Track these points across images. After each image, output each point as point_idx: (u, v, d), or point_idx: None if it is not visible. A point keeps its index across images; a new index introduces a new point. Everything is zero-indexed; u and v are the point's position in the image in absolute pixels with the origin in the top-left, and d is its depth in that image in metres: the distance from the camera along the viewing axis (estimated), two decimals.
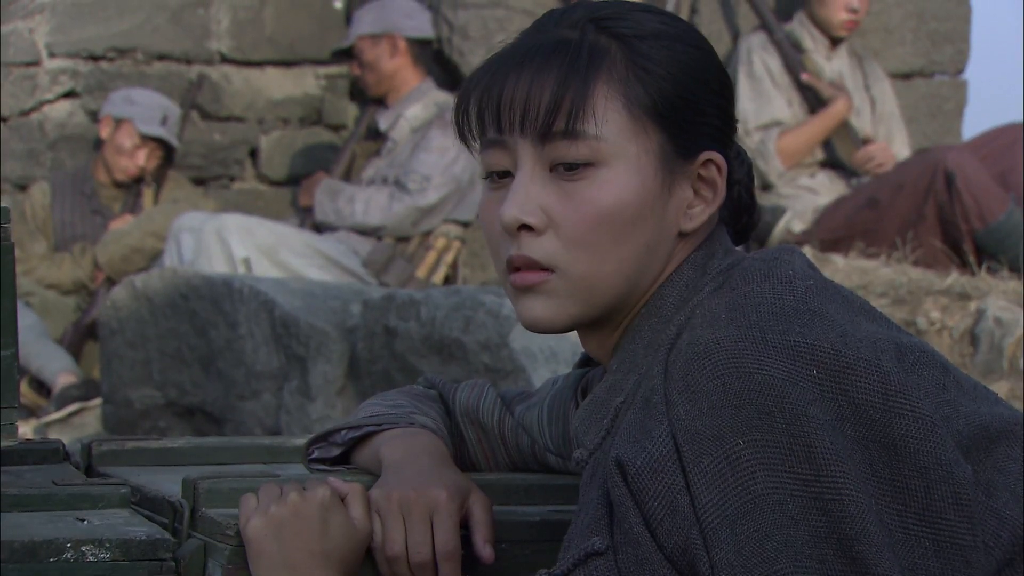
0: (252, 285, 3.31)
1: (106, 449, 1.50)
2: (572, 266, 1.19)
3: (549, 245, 1.19)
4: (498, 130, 1.20)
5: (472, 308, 3.02)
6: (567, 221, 1.18)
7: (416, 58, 4.62)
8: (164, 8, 4.97)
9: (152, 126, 4.68)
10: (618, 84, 1.18)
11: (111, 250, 4.59)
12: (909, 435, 1.10)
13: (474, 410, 1.43)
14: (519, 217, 1.18)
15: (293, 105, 5.15)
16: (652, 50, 1.20)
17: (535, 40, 1.22)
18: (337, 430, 1.40)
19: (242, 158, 5.14)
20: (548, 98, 1.18)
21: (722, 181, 1.23)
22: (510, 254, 1.20)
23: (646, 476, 1.10)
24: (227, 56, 5.07)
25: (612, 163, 1.18)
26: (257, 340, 3.26)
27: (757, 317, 1.13)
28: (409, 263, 4.51)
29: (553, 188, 1.19)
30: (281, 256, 4.31)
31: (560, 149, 1.18)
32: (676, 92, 1.20)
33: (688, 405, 1.10)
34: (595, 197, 1.18)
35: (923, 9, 4.95)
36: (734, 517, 1.07)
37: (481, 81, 1.22)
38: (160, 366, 3.43)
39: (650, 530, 1.10)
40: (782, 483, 1.07)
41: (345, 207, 4.51)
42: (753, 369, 1.09)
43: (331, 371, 3.19)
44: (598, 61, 1.19)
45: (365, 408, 1.43)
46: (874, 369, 1.11)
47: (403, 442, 1.34)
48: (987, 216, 3.88)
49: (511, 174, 1.21)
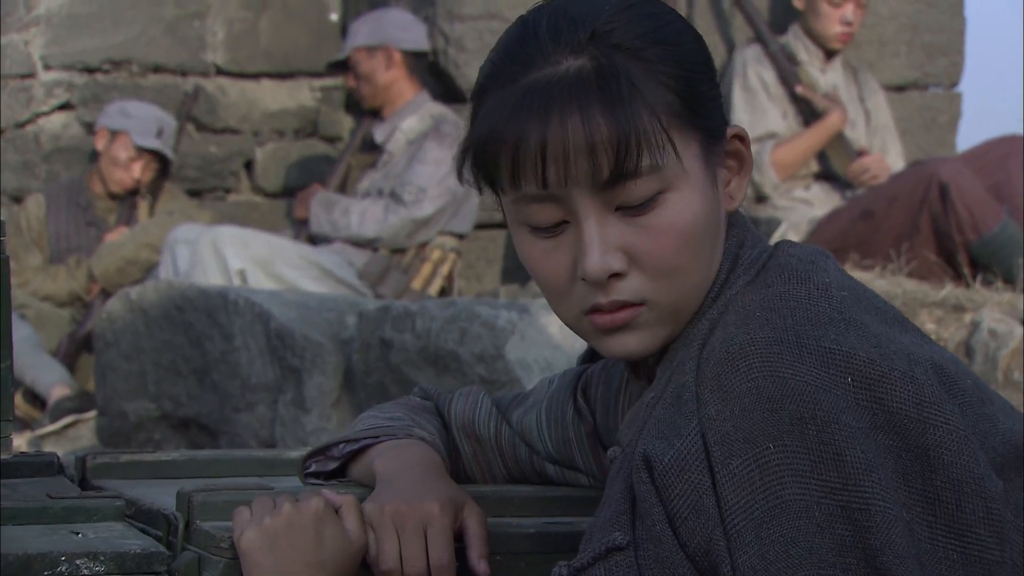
0: (247, 297, 3.31)
1: (100, 462, 1.50)
2: (662, 295, 1.16)
3: (636, 283, 1.16)
4: (544, 184, 1.14)
5: (467, 320, 3.02)
6: (649, 256, 1.15)
7: (411, 70, 4.63)
8: (159, 20, 4.97)
9: (148, 138, 4.68)
10: (655, 102, 1.14)
11: (106, 262, 4.59)
12: (943, 446, 1.09)
13: (470, 422, 1.43)
14: (607, 268, 1.14)
15: (288, 117, 5.16)
16: (662, 53, 1.17)
17: (546, 76, 1.14)
18: (334, 443, 1.40)
19: (237, 170, 5.14)
20: (607, 145, 1.12)
21: (747, 149, 1.22)
22: (597, 302, 1.16)
23: (673, 474, 1.09)
24: (222, 68, 5.08)
25: (675, 184, 1.15)
26: (252, 352, 3.26)
27: (793, 320, 1.12)
28: (405, 275, 4.51)
29: (625, 227, 1.15)
30: (276, 268, 4.31)
31: (626, 191, 1.14)
32: (698, 86, 1.17)
33: (720, 405, 1.10)
34: (671, 224, 1.15)
35: (917, 22, 4.96)
36: (760, 521, 1.06)
37: (501, 130, 1.14)
38: (155, 378, 3.43)
39: (673, 528, 1.09)
40: (810, 490, 1.06)
41: (340, 219, 4.52)
42: (787, 374, 1.09)
43: (326, 383, 3.19)
44: (633, 86, 1.13)
45: (362, 420, 1.42)
46: (908, 380, 1.10)
47: (397, 454, 1.34)
48: (981, 228, 3.89)
49: (564, 221, 1.16)
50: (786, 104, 4.52)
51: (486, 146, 1.15)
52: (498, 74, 1.16)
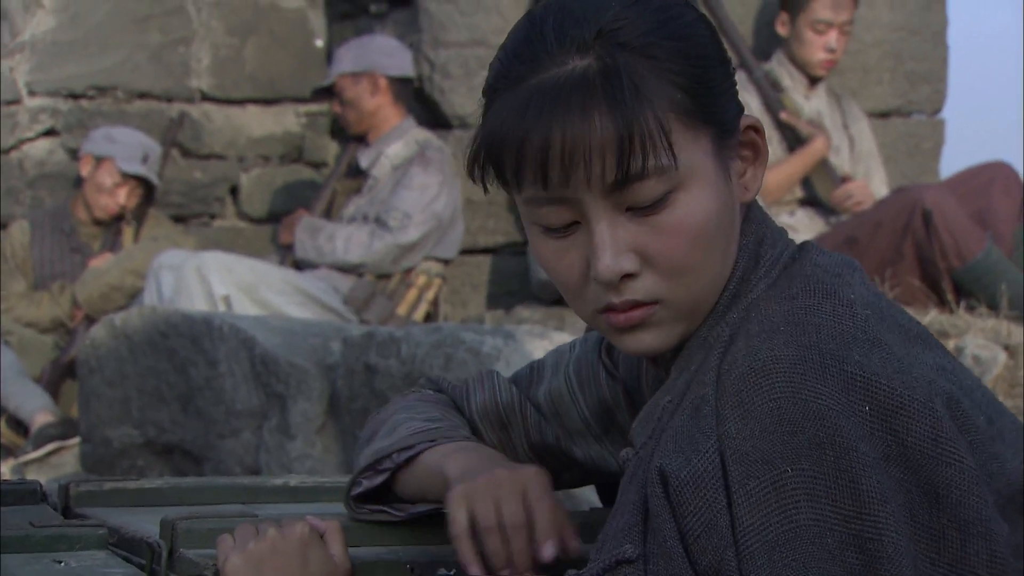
0: (232, 323, 3.30)
1: (84, 490, 1.49)
2: (676, 294, 1.16)
3: (649, 282, 1.15)
4: (545, 186, 1.13)
5: (452, 346, 3.01)
6: (662, 255, 1.14)
7: (397, 96, 4.64)
8: (144, 47, 4.98)
9: (133, 164, 4.68)
10: (664, 101, 1.13)
11: (90, 288, 4.58)
12: (953, 485, 1.08)
13: (493, 410, 1.38)
14: (618, 270, 1.14)
15: (274, 143, 5.16)
16: (670, 50, 1.15)
17: (552, 76, 1.13)
18: (385, 456, 1.33)
19: (223, 196, 5.14)
20: (610, 147, 1.11)
21: (762, 140, 1.21)
22: (611, 302, 1.15)
23: (688, 491, 1.09)
24: (208, 94, 5.08)
25: (685, 183, 1.14)
26: (237, 378, 3.25)
27: (817, 339, 1.11)
28: (390, 300, 4.51)
29: (636, 227, 1.14)
30: (261, 294, 4.30)
31: (635, 192, 1.13)
32: (707, 81, 1.15)
33: (739, 423, 1.09)
34: (682, 222, 1.14)
35: (900, 49, 4.99)
36: (773, 544, 1.06)
37: (509, 131, 1.13)
38: (139, 404, 3.42)
39: (684, 546, 1.09)
40: (824, 516, 1.06)
41: (326, 244, 4.51)
42: (809, 397, 1.08)
43: (311, 409, 3.18)
44: (638, 86, 1.12)
45: (399, 424, 1.36)
46: (927, 413, 1.09)
47: (465, 454, 1.30)
48: (965, 254, 3.90)
49: (576, 222, 1.15)
50: (770, 130, 4.54)
51: (492, 147, 1.15)
52: (505, 74, 1.16)
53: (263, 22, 5.10)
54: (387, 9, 4.96)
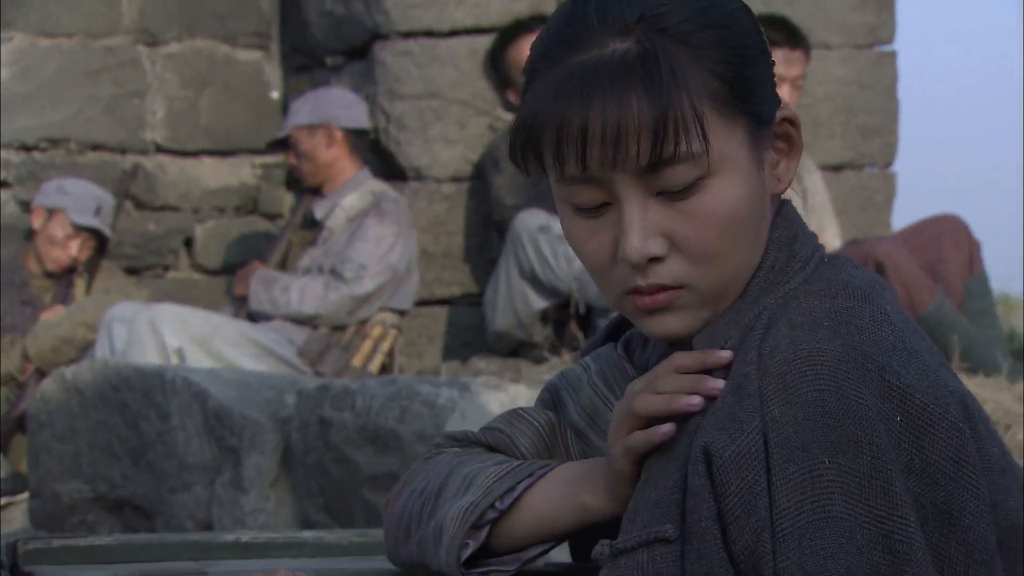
0: (185, 376, 3.27)
1: (32, 548, 1.47)
2: (703, 280, 1.16)
3: (676, 267, 1.16)
4: (584, 167, 1.14)
5: (408, 398, 3.00)
6: (690, 240, 1.15)
7: (352, 148, 4.64)
8: (98, 99, 4.96)
9: (85, 216, 4.65)
10: (700, 88, 1.13)
11: (41, 341, 4.53)
12: (967, 510, 1.10)
13: (541, 444, 1.32)
14: (646, 253, 1.14)
15: (229, 194, 5.15)
16: (711, 38, 1.15)
17: (592, 57, 1.14)
18: (485, 510, 1.23)
19: (177, 247, 5.12)
20: (645, 130, 1.12)
21: (798, 133, 1.21)
22: (636, 284, 1.16)
23: (731, 470, 1.09)
24: (162, 146, 5.07)
25: (719, 170, 1.15)
26: (189, 432, 3.22)
27: (860, 340, 1.12)
28: (345, 352, 4.49)
29: (667, 211, 1.15)
30: (215, 346, 4.27)
31: (667, 177, 1.14)
32: (746, 71, 1.16)
33: (783, 407, 1.09)
34: (713, 209, 1.15)
35: (852, 103, 5.05)
36: (804, 530, 1.07)
37: (546, 111, 1.14)
38: (89, 459, 3.38)
39: (722, 526, 1.09)
40: (855, 512, 1.07)
41: (280, 296, 4.50)
42: (852, 395, 1.09)
43: (264, 463, 3.16)
44: (675, 72, 1.13)
45: (469, 476, 1.26)
46: (955, 434, 1.11)
47: (571, 472, 1.23)
48: (917, 306, 3.93)
49: (607, 203, 1.16)
50: None
51: (531, 128, 1.15)
52: (547, 54, 1.17)
53: (218, 74, 5.10)
54: (343, 62, 4.98)
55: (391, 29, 4.74)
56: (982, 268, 4.36)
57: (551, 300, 4.48)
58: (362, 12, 4.81)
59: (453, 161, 4.80)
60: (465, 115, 4.78)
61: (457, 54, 4.77)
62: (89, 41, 4.95)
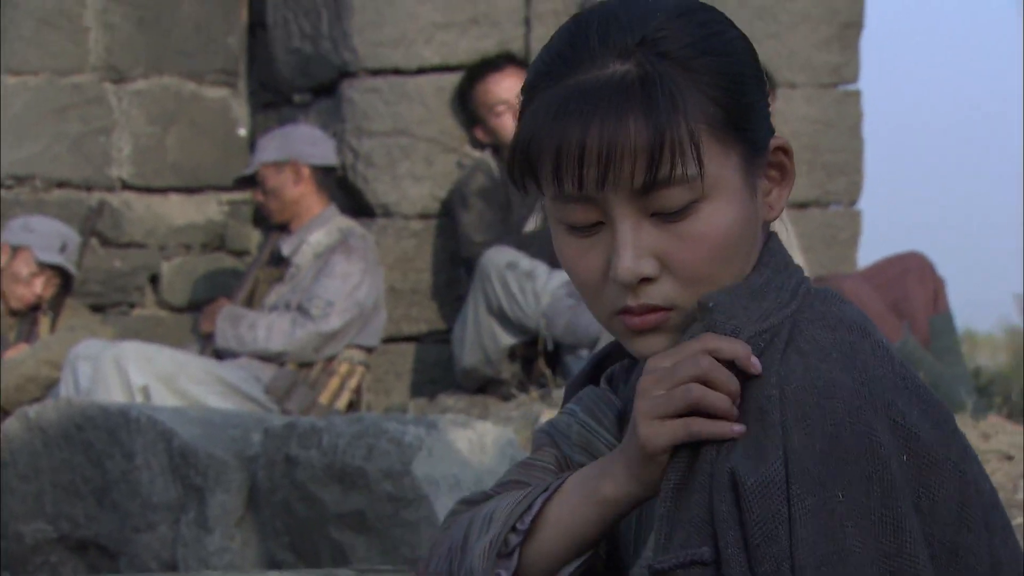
0: (150, 414, 3.25)
1: None
2: (691, 301, 1.18)
3: (667, 288, 1.17)
4: (581, 187, 1.15)
5: (374, 436, 2.99)
6: (682, 263, 1.17)
7: (320, 185, 4.64)
8: (64, 136, 4.95)
9: (50, 254, 4.62)
10: (698, 113, 1.15)
11: (5, 380, 4.50)
12: (971, 551, 1.12)
13: None
14: (638, 272, 1.16)
15: (195, 231, 5.13)
16: (710, 64, 1.17)
17: (592, 78, 1.15)
18: (508, 535, 1.20)
19: (142, 284, 5.09)
20: (641, 152, 1.14)
21: (791, 163, 1.22)
22: (627, 304, 1.17)
23: (756, 498, 1.10)
24: (128, 183, 5.05)
25: (713, 195, 1.16)
26: (154, 471, 3.19)
27: (866, 376, 1.13)
28: (312, 389, 4.47)
29: (659, 233, 1.16)
30: (181, 384, 4.25)
31: (660, 199, 1.15)
32: (742, 99, 1.18)
33: (803, 439, 1.11)
34: (705, 233, 1.16)
35: (817, 142, 5.09)
36: (820, 562, 1.08)
37: (545, 130, 1.15)
38: (53, 499, 3.35)
39: (747, 552, 1.10)
40: (867, 547, 1.09)
41: (247, 333, 4.48)
42: (865, 431, 1.10)
43: (230, 501, 3.13)
44: (673, 95, 1.15)
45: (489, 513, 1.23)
46: (958, 475, 1.13)
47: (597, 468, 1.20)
48: None
49: (600, 222, 1.17)
50: None
51: (530, 145, 1.16)
52: (547, 73, 1.18)
53: (185, 111, 5.09)
54: (310, 99, 4.98)
55: (359, 67, 4.75)
56: (947, 305, 4.39)
57: (519, 337, 4.48)
58: (330, 50, 4.82)
59: (421, 198, 4.80)
60: (433, 152, 4.79)
61: (425, 91, 4.78)
62: (56, 78, 4.94)
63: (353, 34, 4.74)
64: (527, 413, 4.00)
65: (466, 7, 4.77)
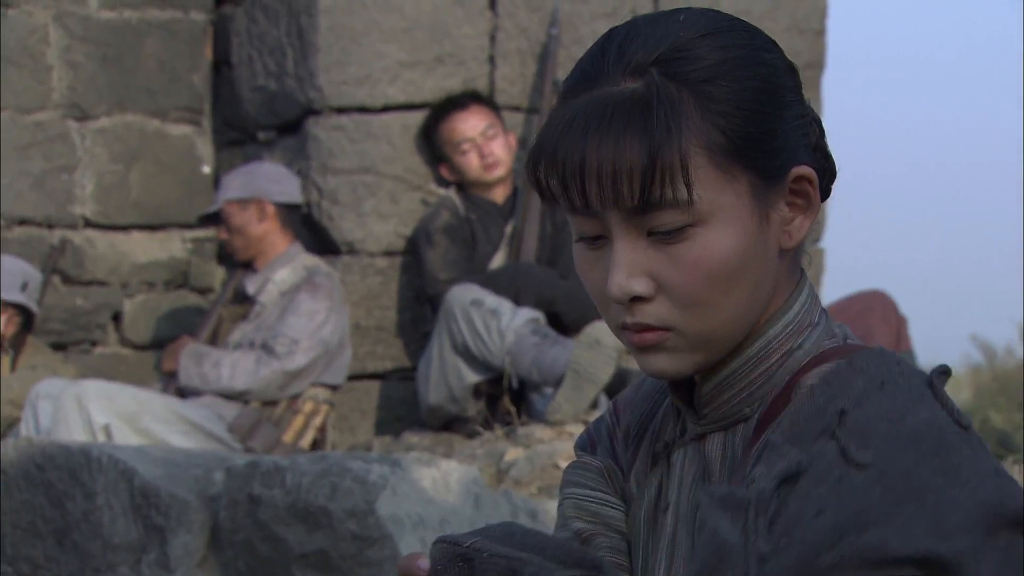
0: (111, 454, 3.22)
1: None
2: (688, 325, 1.17)
3: (662, 309, 1.17)
4: (585, 203, 1.17)
5: (338, 474, 2.97)
6: (676, 285, 1.17)
7: (284, 223, 4.63)
8: (27, 174, 4.92)
9: (11, 292, 4.59)
10: (699, 138, 1.15)
11: None
12: None
13: None
14: (627, 290, 1.16)
15: (159, 268, 5.10)
16: (723, 91, 1.15)
17: (603, 95, 1.16)
18: None
19: (105, 322, 5.06)
20: (635, 171, 1.14)
21: (815, 192, 1.21)
22: (624, 320, 1.18)
23: None
24: (91, 220, 5.02)
25: (710, 220, 1.16)
26: (115, 511, 3.16)
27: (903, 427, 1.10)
28: (276, 428, 4.44)
29: (655, 253, 1.17)
30: (143, 423, 4.21)
31: (656, 219, 1.16)
32: (755, 127, 1.16)
33: None
34: (700, 258, 1.16)
35: None
36: None
37: (553, 144, 1.17)
38: (12, 540, 3.30)
39: None
40: None
41: (211, 371, 4.45)
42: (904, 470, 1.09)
43: (192, 541, 3.10)
44: (671, 119, 1.14)
45: None
46: None
47: None
48: None
49: (604, 236, 1.18)
50: None
51: (541, 159, 1.18)
52: (571, 86, 1.19)
53: (149, 148, 5.08)
54: (275, 136, 4.97)
55: (324, 104, 4.76)
56: (909, 344, 4.42)
57: (484, 374, 4.47)
58: (295, 88, 4.82)
59: (386, 235, 4.80)
60: (398, 190, 4.79)
61: (390, 129, 4.79)
62: (18, 116, 4.92)
63: (318, 72, 4.74)
64: (492, 451, 3.99)
65: (431, 46, 4.78)
